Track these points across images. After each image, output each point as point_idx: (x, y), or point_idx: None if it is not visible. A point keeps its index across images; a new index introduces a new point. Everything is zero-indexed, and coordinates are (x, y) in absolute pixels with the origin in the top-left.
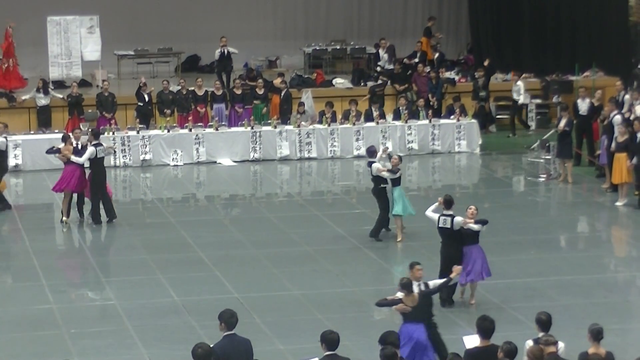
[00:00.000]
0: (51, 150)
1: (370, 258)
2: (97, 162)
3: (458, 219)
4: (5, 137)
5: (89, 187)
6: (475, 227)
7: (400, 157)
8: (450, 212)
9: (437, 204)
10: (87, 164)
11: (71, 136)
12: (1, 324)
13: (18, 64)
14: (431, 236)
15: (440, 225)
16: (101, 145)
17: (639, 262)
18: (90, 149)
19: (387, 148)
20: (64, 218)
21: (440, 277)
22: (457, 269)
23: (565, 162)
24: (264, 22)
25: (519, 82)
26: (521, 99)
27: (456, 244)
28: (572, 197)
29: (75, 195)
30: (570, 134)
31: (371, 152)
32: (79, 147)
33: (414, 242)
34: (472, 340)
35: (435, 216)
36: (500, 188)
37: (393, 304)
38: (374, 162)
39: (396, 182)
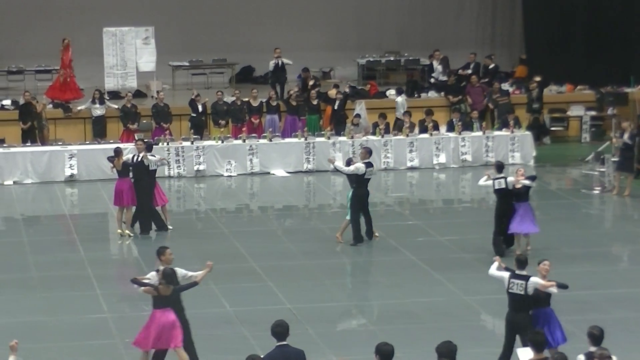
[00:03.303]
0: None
1: (423, 270)
2: (149, 174)
3: (510, 178)
4: None
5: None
6: (527, 182)
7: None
8: (503, 175)
9: (485, 177)
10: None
11: (122, 151)
12: (55, 332)
13: (75, 76)
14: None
15: (496, 187)
16: (154, 157)
17: None
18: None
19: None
20: (124, 230)
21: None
22: None
23: (625, 176)
24: (317, 34)
25: (398, 99)
26: (400, 116)
27: (510, 201)
28: (626, 210)
29: (133, 208)
30: (633, 147)
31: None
32: (134, 159)
33: (466, 254)
34: (526, 354)
35: (490, 182)
36: (553, 200)
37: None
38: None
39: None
